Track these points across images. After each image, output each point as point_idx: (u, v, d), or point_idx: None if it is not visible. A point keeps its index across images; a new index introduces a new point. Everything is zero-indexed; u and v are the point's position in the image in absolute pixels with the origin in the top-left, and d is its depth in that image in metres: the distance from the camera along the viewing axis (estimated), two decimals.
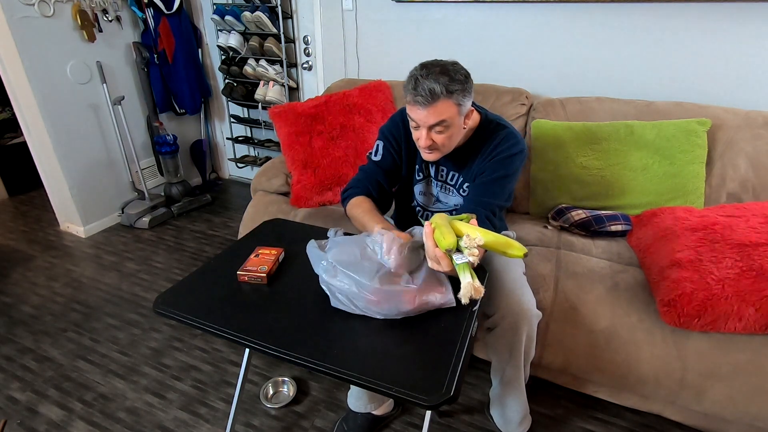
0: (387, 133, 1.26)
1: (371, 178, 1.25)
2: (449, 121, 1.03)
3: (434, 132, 1.05)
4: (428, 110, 1.01)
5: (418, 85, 1.00)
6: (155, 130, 2.59)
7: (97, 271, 2.13)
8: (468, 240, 0.81)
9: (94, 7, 2.25)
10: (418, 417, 1.38)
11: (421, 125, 1.05)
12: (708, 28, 1.65)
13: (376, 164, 1.27)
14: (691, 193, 1.53)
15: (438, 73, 1.00)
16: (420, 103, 1.01)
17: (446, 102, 1.01)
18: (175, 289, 0.96)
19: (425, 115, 1.02)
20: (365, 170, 1.28)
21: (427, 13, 2.09)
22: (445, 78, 0.99)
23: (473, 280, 0.78)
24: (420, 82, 1.00)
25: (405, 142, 1.24)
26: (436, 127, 1.04)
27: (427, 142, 1.06)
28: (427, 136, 1.05)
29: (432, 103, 1.00)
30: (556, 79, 1.94)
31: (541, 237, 1.54)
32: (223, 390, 1.48)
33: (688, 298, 1.10)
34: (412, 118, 1.06)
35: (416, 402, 0.69)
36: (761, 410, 1.10)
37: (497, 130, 1.16)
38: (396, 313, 0.84)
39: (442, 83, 0.99)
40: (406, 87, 1.04)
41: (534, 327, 1.10)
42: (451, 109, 1.02)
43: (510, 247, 0.83)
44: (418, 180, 1.30)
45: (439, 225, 0.85)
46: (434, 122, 1.03)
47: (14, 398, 1.45)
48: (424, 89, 0.99)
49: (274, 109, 1.87)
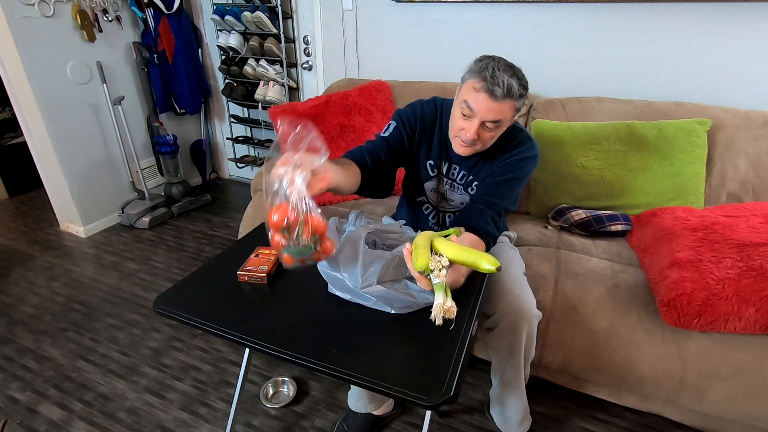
0: (403, 117, 1.20)
1: (372, 149, 1.15)
2: (503, 122, 1.02)
3: (484, 127, 1.03)
4: (495, 104, 0.98)
5: (495, 75, 0.95)
6: (155, 130, 2.59)
7: (97, 271, 2.13)
8: (434, 262, 0.81)
9: (94, 7, 2.25)
10: (418, 417, 1.38)
11: (477, 117, 1.01)
12: (708, 28, 1.65)
13: (383, 138, 1.18)
14: (691, 193, 1.53)
15: (511, 72, 0.98)
16: (494, 94, 0.96)
17: (512, 104, 0.99)
18: (175, 289, 0.96)
19: (490, 108, 0.98)
20: (370, 142, 1.19)
21: (427, 13, 2.09)
22: (516, 79, 0.98)
23: (445, 300, 0.78)
24: (498, 73, 0.96)
25: (420, 131, 1.19)
26: (489, 124, 1.01)
27: (475, 136, 1.03)
28: (476, 129, 1.02)
29: (503, 99, 0.97)
30: (556, 79, 1.94)
31: (541, 237, 1.54)
32: (223, 390, 1.48)
33: (688, 298, 1.10)
34: (471, 106, 1.00)
35: (416, 402, 0.69)
36: (761, 410, 1.10)
37: (513, 132, 1.15)
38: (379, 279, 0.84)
39: (516, 83, 0.97)
40: (476, 72, 0.99)
41: (534, 327, 1.10)
42: (511, 112, 1.01)
43: (482, 260, 0.82)
44: (431, 177, 1.26)
45: (417, 246, 0.85)
46: (492, 118, 1.00)
47: (14, 398, 1.45)
48: (503, 82, 0.95)
49: (274, 109, 1.87)
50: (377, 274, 0.85)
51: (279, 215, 0.73)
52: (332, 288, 0.92)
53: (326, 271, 0.91)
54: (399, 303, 0.86)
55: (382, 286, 0.85)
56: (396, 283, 0.88)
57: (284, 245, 0.77)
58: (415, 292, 0.87)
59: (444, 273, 0.81)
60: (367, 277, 0.85)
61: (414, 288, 0.88)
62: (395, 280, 0.89)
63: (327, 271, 0.91)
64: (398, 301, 0.86)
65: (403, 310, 0.87)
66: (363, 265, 0.84)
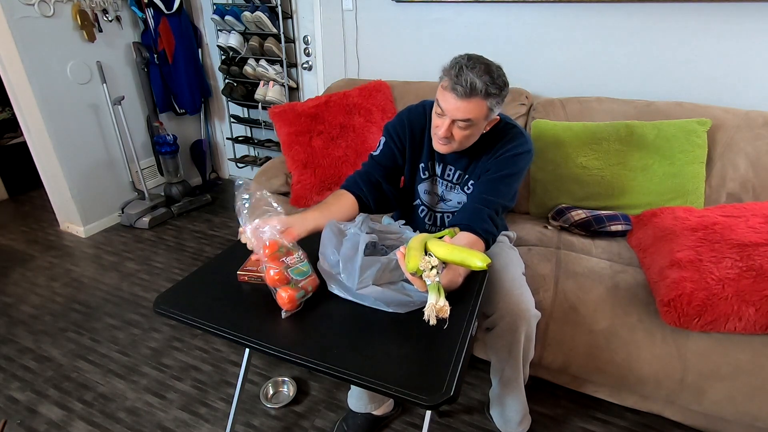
0: (391, 131, 1.23)
1: (367, 176, 1.21)
2: (474, 121, 1.02)
3: (456, 126, 1.03)
4: (461, 103, 0.99)
5: (460, 74, 0.97)
6: (155, 130, 2.59)
7: (97, 271, 2.13)
8: (423, 262, 0.81)
9: (94, 7, 2.25)
10: (418, 417, 1.38)
11: (447, 115, 1.02)
12: (708, 28, 1.65)
13: (374, 160, 1.23)
14: (691, 193, 1.53)
15: (483, 70, 0.98)
16: (457, 92, 0.98)
17: (480, 102, 0.99)
18: (175, 289, 0.96)
19: (456, 107, 1.00)
20: (364, 166, 1.24)
21: (427, 13, 2.09)
22: (488, 77, 0.97)
23: (437, 300, 0.78)
24: (464, 72, 0.97)
25: (409, 140, 1.21)
26: (460, 122, 1.02)
27: (446, 133, 1.04)
28: (448, 127, 1.03)
29: (467, 98, 0.98)
30: (556, 79, 1.94)
31: (541, 237, 1.54)
32: (223, 390, 1.48)
33: (688, 298, 1.10)
34: (441, 105, 1.03)
35: (416, 402, 0.69)
36: (761, 410, 1.10)
37: (506, 129, 1.15)
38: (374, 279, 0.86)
39: (483, 81, 0.97)
40: (446, 71, 1.01)
41: (533, 327, 1.10)
42: (481, 111, 1.01)
43: (471, 258, 0.82)
44: (423, 179, 1.27)
45: (410, 249, 0.85)
46: (461, 117, 1.01)
47: (14, 398, 1.45)
48: (466, 81, 0.96)
49: (274, 109, 1.87)
50: (373, 277, 0.86)
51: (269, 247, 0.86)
52: (331, 287, 0.93)
53: (325, 270, 0.92)
54: (395, 302, 0.86)
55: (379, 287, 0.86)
56: (392, 285, 0.88)
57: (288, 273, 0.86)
58: (412, 293, 0.87)
59: (435, 273, 0.81)
60: (364, 278, 0.85)
61: (410, 289, 0.88)
62: (391, 283, 0.89)
63: (326, 270, 0.91)
64: (394, 300, 0.86)
65: (400, 309, 0.87)
66: (360, 267, 0.85)
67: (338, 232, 0.95)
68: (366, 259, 0.86)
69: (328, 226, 0.95)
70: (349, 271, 0.87)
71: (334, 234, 0.94)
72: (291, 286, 0.86)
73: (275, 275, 0.85)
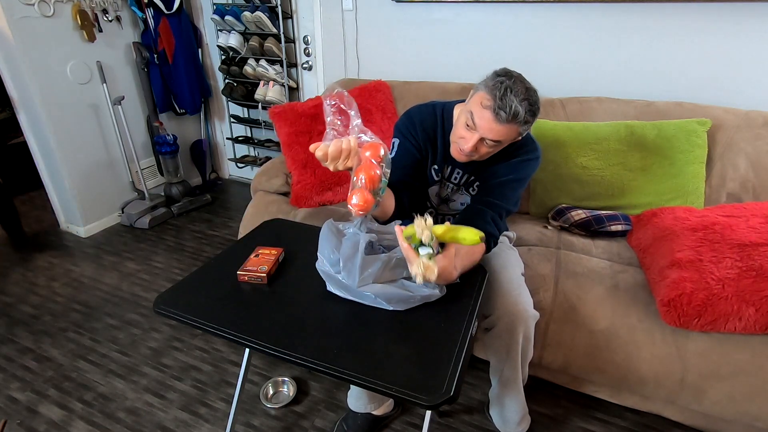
0: (403, 130, 1.19)
1: (396, 174, 1.11)
2: (503, 142, 1.02)
3: (483, 143, 1.02)
4: (499, 127, 0.96)
5: (505, 98, 0.94)
6: (155, 130, 2.59)
7: (97, 271, 2.13)
8: (417, 219, 0.84)
9: (94, 7, 2.25)
10: (418, 417, 1.38)
11: (478, 132, 1.00)
12: (708, 28, 1.65)
13: (396, 161, 1.15)
14: (691, 193, 1.53)
15: (524, 94, 0.95)
16: (499, 117, 0.95)
17: (515, 128, 0.98)
18: (175, 289, 0.96)
19: (491, 128, 0.97)
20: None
21: (427, 13, 2.09)
22: (527, 104, 0.95)
23: (429, 259, 0.81)
24: (508, 96, 0.94)
25: (423, 139, 1.18)
26: (489, 141, 1.01)
27: (472, 148, 1.02)
28: (475, 143, 1.01)
29: (507, 123, 0.96)
30: (556, 79, 1.94)
31: (541, 237, 1.54)
32: (223, 390, 1.48)
33: (688, 298, 1.10)
34: (475, 121, 0.99)
35: (416, 402, 0.69)
36: (761, 410, 1.10)
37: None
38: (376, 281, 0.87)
39: (524, 108, 0.94)
40: (489, 88, 0.96)
41: (531, 328, 1.10)
42: (512, 135, 1.00)
43: (462, 231, 0.85)
44: (435, 181, 1.25)
45: (407, 230, 0.87)
46: (493, 138, 0.99)
47: (14, 398, 1.45)
48: (510, 107, 0.93)
49: (274, 109, 1.87)
50: (374, 275, 0.86)
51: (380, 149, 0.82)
52: (330, 287, 0.93)
53: (324, 270, 0.92)
54: (396, 299, 0.87)
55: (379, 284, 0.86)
56: (392, 283, 0.89)
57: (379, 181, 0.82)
58: (412, 289, 0.87)
59: (429, 236, 0.83)
60: (365, 277, 0.85)
61: (410, 286, 0.88)
62: (392, 281, 0.89)
63: (325, 270, 0.91)
64: (395, 297, 0.86)
65: (400, 306, 0.87)
66: (361, 266, 0.85)
67: (337, 232, 0.95)
68: (366, 257, 0.86)
69: (326, 226, 0.95)
70: (349, 269, 0.87)
71: (333, 234, 0.94)
72: (374, 194, 0.82)
73: (375, 175, 0.81)
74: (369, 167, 0.81)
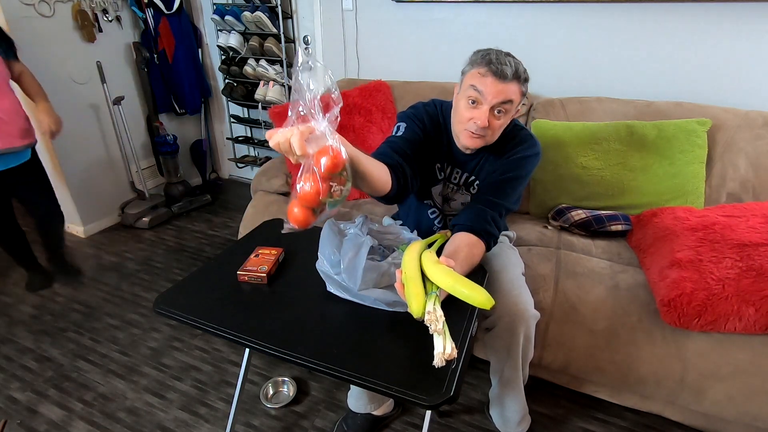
0: (410, 115, 1.16)
1: (394, 147, 1.06)
2: (511, 105, 1.02)
3: (494, 113, 1.02)
4: (503, 85, 0.98)
5: (499, 58, 0.97)
6: (155, 130, 2.59)
7: (97, 271, 2.13)
8: (428, 315, 0.73)
9: (94, 7, 2.25)
10: (418, 417, 1.38)
11: (486, 102, 0.99)
12: (707, 28, 1.65)
13: (398, 137, 1.10)
14: (691, 193, 1.53)
15: (511, 58, 1.00)
16: (500, 75, 0.97)
17: (517, 86, 1.00)
18: (175, 289, 0.96)
19: (497, 90, 0.98)
20: (388, 141, 1.11)
21: (427, 13, 2.09)
22: (517, 63, 1.00)
23: (445, 345, 0.71)
24: (501, 58, 0.97)
25: (429, 129, 1.16)
26: (501, 107, 1.01)
27: (486, 122, 1.01)
28: (487, 115, 1.01)
29: (509, 80, 0.98)
30: (556, 79, 1.94)
31: (541, 237, 1.54)
32: (223, 390, 1.48)
33: (688, 298, 1.10)
34: (480, 90, 0.99)
35: (416, 402, 0.69)
36: (761, 410, 1.11)
37: (515, 131, 1.15)
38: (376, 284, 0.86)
39: (521, 66, 0.99)
40: (477, 62, 1.00)
41: (531, 328, 1.09)
42: (517, 95, 1.01)
43: (476, 294, 0.74)
44: (439, 180, 1.24)
45: (408, 280, 0.78)
46: (502, 100, 0.99)
47: (14, 398, 1.45)
48: (510, 62, 0.97)
49: (274, 109, 1.87)
50: (375, 281, 0.86)
51: (328, 160, 0.64)
52: (330, 287, 0.92)
53: (324, 270, 0.91)
54: (396, 302, 0.86)
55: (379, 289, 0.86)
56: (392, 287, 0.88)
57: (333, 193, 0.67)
58: None
59: (440, 327, 0.73)
60: (365, 281, 0.85)
61: None
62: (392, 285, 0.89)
63: (324, 271, 0.91)
64: (395, 300, 0.86)
65: (400, 308, 0.87)
66: (363, 271, 0.85)
67: (338, 232, 0.95)
68: (368, 263, 0.86)
69: (327, 226, 0.95)
70: (350, 273, 0.86)
71: (334, 234, 0.94)
72: (314, 211, 0.68)
73: (311, 190, 0.65)
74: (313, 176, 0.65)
